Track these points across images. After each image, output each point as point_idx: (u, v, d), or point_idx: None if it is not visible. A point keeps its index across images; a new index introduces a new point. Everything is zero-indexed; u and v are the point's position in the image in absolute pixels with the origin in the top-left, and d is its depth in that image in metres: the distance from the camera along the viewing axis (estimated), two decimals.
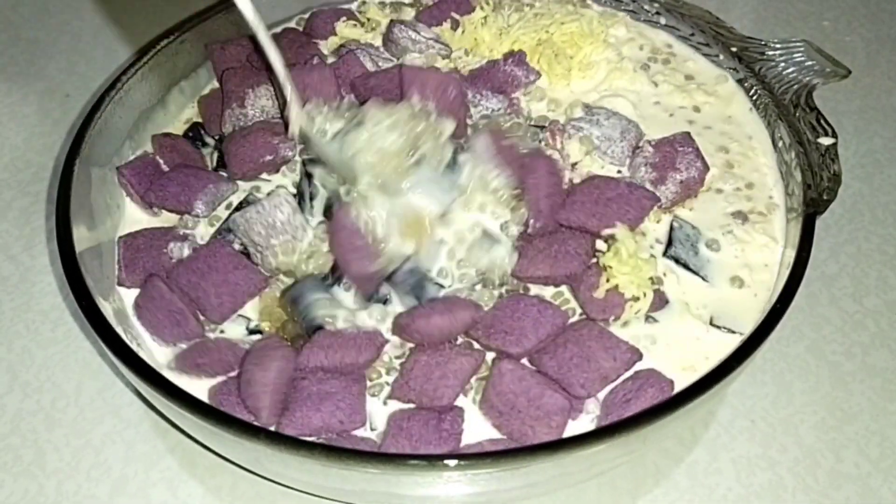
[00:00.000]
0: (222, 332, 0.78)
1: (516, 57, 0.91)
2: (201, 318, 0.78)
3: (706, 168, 0.83)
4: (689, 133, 0.85)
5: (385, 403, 0.72)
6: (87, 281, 0.72)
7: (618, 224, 0.76)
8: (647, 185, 0.83)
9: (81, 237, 0.76)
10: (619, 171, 0.85)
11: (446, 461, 0.60)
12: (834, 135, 0.81)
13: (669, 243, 0.80)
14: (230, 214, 0.83)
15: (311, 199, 0.81)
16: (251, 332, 0.78)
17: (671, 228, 0.81)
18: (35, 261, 0.96)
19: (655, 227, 0.82)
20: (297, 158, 0.86)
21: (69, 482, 0.79)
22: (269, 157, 0.85)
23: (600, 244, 0.77)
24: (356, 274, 0.75)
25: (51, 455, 0.81)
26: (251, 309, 0.79)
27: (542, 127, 0.88)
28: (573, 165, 0.85)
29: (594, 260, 0.76)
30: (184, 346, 0.76)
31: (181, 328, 0.76)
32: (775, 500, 0.77)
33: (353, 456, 0.60)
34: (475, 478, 0.61)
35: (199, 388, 0.73)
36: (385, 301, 0.76)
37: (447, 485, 0.62)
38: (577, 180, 0.83)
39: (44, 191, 1.03)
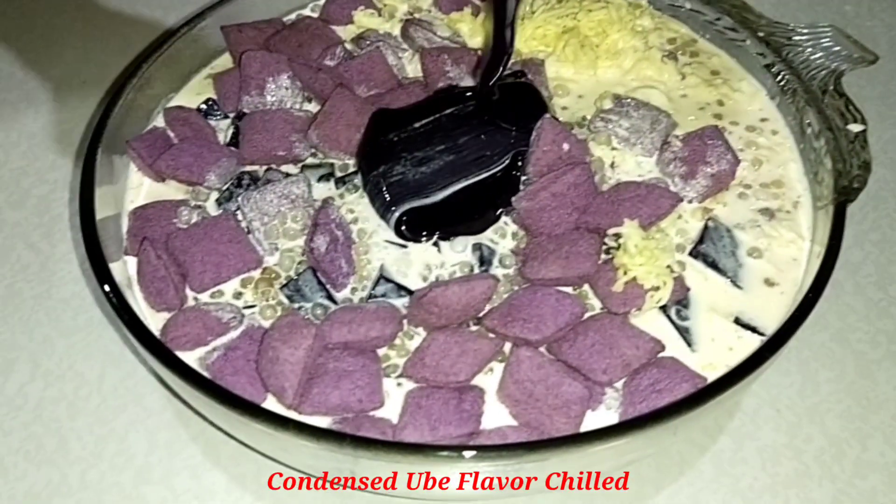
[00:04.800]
0: (196, 299, 0.77)
1: (532, 70, 0.90)
2: (187, 288, 0.77)
3: (737, 161, 0.82)
4: (716, 126, 0.84)
5: (399, 385, 0.71)
6: (110, 270, 0.72)
7: (626, 221, 0.75)
8: (678, 180, 0.82)
9: (103, 223, 0.77)
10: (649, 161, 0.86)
11: (483, 452, 0.59)
12: (863, 121, 0.80)
13: (700, 241, 0.79)
14: (237, 189, 0.83)
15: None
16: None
17: (705, 227, 0.80)
18: (55, 249, 0.96)
19: (697, 225, 0.81)
20: (311, 161, 0.86)
21: (93, 471, 0.79)
22: (281, 153, 0.84)
23: (614, 244, 0.77)
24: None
25: (74, 443, 0.81)
26: (232, 287, 0.78)
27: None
28: (611, 165, 0.85)
29: (609, 257, 0.75)
30: (166, 315, 0.75)
31: (162, 297, 0.75)
32: (801, 490, 0.77)
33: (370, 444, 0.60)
34: (508, 467, 0.61)
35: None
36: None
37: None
38: (621, 178, 0.84)
39: (62, 178, 1.02)
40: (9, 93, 1.12)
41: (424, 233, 0.80)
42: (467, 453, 0.59)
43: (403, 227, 0.79)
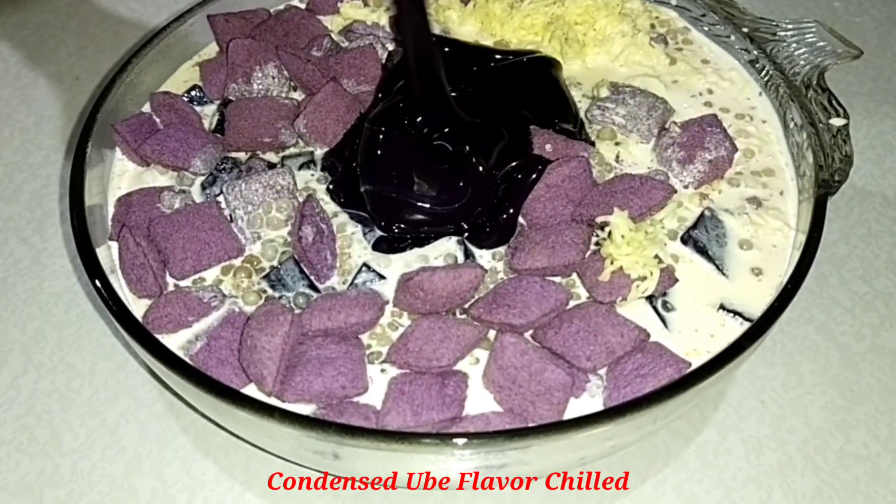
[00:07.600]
0: (176, 286, 0.77)
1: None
2: (166, 275, 0.77)
3: (734, 148, 0.83)
4: (715, 115, 0.85)
5: (383, 371, 0.71)
6: (98, 259, 0.73)
7: (616, 210, 0.75)
8: (675, 165, 0.83)
9: (90, 210, 0.78)
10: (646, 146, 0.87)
11: (455, 440, 0.60)
12: (846, 116, 0.81)
13: (694, 226, 0.80)
14: (220, 174, 0.83)
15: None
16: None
17: (701, 215, 0.80)
18: (47, 243, 0.97)
19: (697, 211, 0.82)
20: (292, 150, 0.86)
21: (84, 462, 0.80)
22: (267, 139, 0.85)
23: (605, 235, 0.77)
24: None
25: (66, 435, 0.82)
26: (213, 274, 0.78)
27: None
28: (616, 160, 0.86)
29: (596, 248, 0.76)
30: (148, 302, 0.76)
31: (142, 284, 0.76)
32: (784, 480, 0.78)
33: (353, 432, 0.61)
34: (488, 454, 0.61)
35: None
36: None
37: (460, 462, 0.63)
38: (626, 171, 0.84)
39: (55, 173, 1.03)
40: (2, 89, 1.13)
41: (401, 245, 0.79)
42: (446, 439, 0.60)
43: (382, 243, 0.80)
